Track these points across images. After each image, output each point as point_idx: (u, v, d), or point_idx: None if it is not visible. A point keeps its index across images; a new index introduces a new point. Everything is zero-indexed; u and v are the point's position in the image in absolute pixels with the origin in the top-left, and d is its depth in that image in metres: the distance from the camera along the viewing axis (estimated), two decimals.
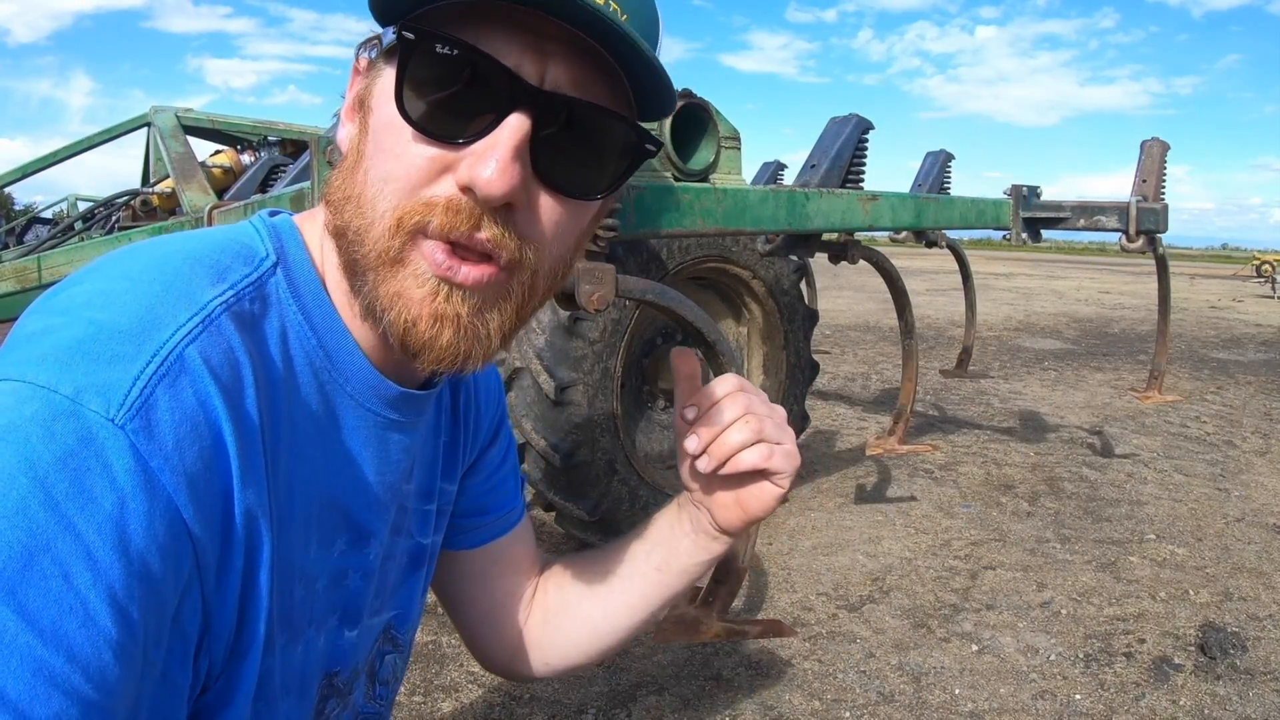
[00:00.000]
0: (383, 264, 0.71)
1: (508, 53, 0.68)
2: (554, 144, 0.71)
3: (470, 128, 0.69)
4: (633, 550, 1.10)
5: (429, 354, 0.72)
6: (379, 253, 0.70)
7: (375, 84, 0.73)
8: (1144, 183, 4.25)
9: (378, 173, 0.71)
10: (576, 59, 0.70)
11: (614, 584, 1.10)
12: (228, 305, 0.69)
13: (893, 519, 4.24)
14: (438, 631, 2.95)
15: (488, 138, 0.68)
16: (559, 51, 0.69)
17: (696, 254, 3.78)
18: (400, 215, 0.69)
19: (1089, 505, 4.49)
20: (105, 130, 4.57)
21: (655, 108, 0.77)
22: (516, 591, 1.16)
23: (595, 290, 2.12)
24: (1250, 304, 19.73)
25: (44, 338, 0.62)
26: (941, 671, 2.78)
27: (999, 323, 13.58)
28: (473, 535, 1.12)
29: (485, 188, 0.67)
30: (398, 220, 0.69)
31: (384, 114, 0.71)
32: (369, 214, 0.71)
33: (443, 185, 0.69)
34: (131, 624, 0.57)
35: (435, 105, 0.69)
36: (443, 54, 0.68)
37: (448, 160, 0.69)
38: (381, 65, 0.73)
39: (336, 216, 0.74)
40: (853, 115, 3.48)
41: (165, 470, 0.60)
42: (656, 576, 1.08)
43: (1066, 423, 6.42)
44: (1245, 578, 3.58)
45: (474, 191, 0.68)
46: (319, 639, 0.85)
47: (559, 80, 0.70)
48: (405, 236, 0.70)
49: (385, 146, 0.71)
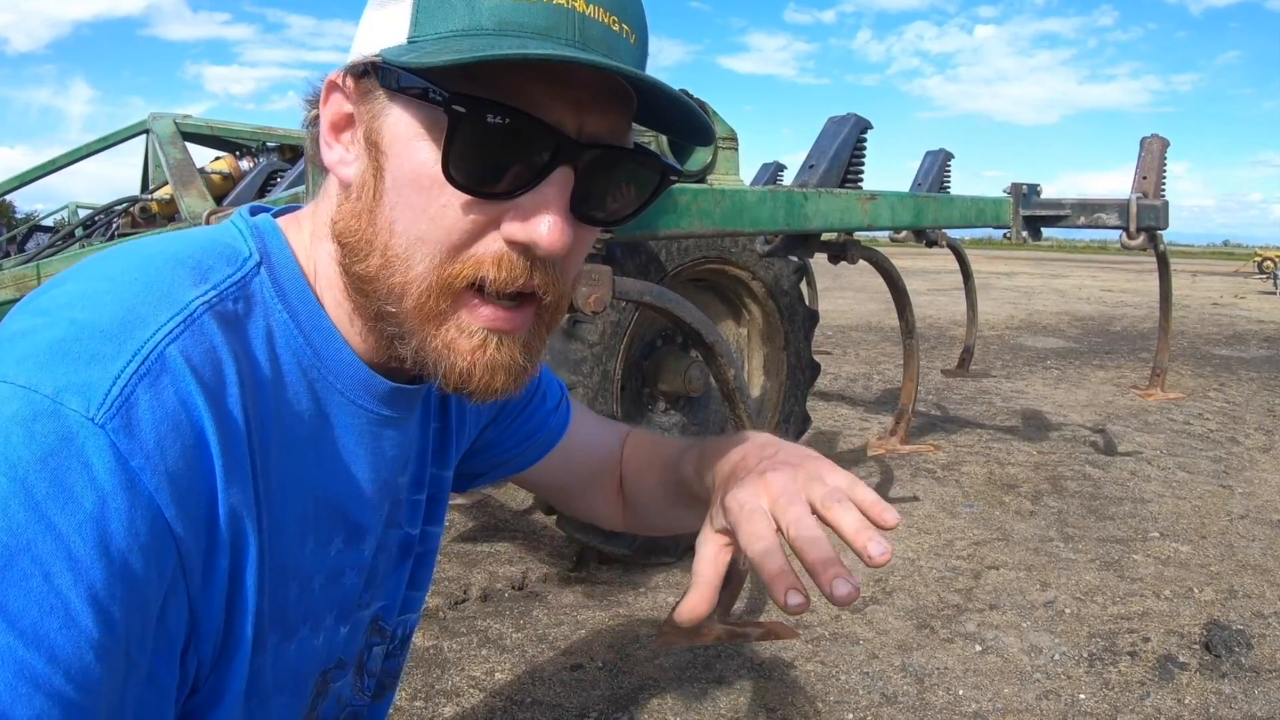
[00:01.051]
0: (427, 322, 0.72)
1: (547, 107, 0.69)
2: (589, 185, 0.73)
3: (510, 181, 0.70)
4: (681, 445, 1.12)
5: (483, 395, 0.75)
6: (424, 313, 0.72)
7: (383, 122, 0.72)
8: (1144, 179, 4.24)
9: (409, 230, 0.71)
10: (608, 105, 0.72)
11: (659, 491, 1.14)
12: (210, 305, 0.69)
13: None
14: (439, 636, 2.94)
15: (535, 194, 0.70)
16: (591, 101, 0.71)
17: (695, 255, 3.77)
18: (446, 279, 0.71)
19: (1092, 504, 4.48)
20: (104, 137, 4.57)
21: (689, 135, 0.79)
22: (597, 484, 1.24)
23: (592, 292, 2.12)
24: (1252, 300, 19.70)
25: (25, 338, 0.62)
26: (945, 672, 2.77)
27: (1000, 322, 13.56)
28: (513, 463, 1.18)
29: (548, 247, 0.69)
30: (445, 283, 0.71)
31: (408, 167, 0.70)
32: (403, 272, 0.71)
33: (487, 242, 0.71)
34: (113, 624, 0.57)
35: (479, 166, 0.69)
36: (493, 123, 0.68)
37: (490, 217, 0.70)
38: (384, 100, 0.72)
39: (356, 262, 0.74)
40: (851, 115, 3.47)
41: (146, 469, 0.60)
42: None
43: (1069, 421, 6.41)
44: (1250, 575, 3.57)
45: (533, 248, 0.70)
46: (316, 638, 0.85)
47: (596, 130, 0.71)
48: (451, 298, 0.71)
49: (414, 204, 0.70)
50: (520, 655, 2.84)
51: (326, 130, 0.77)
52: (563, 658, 2.83)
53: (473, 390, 0.75)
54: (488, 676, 2.71)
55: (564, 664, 2.79)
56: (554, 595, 3.32)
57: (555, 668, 2.77)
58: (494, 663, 2.79)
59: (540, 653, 2.86)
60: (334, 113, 0.76)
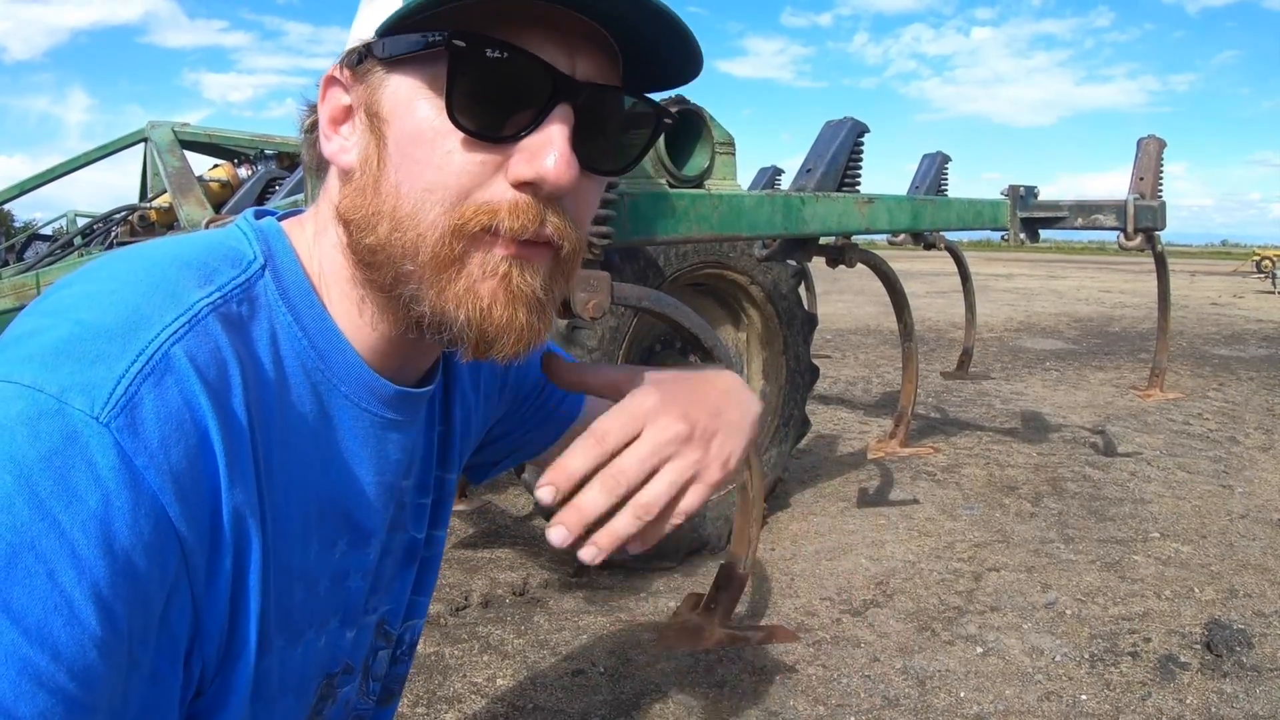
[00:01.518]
0: (444, 268, 0.72)
1: (543, 48, 0.71)
2: (587, 130, 0.73)
3: (513, 125, 0.71)
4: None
5: (507, 336, 0.74)
6: (438, 260, 0.72)
7: (382, 93, 0.73)
8: (1141, 180, 4.25)
9: (416, 184, 0.71)
10: (598, 48, 0.74)
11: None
12: (215, 306, 0.69)
13: (895, 522, 4.23)
14: (440, 643, 2.94)
15: (539, 133, 0.71)
16: (582, 42, 0.72)
17: (693, 260, 3.78)
18: (458, 223, 0.71)
19: (1092, 505, 4.48)
20: (102, 146, 4.57)
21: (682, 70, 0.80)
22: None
23: (591, 298, 2.12)
24: (1251, 300, 19.71)
25: (31, 339, 0.62)
26: (946, 674, 2.77)
27: (999, 324, 13.57)
28: (527, 450, 1.19)
29: (555, 179, 0.70)
30: (455, 227, 0.71)
31: (409, 124, 0.71)
32: (414, 227, 0.72)
33: (496, 186, 0.71)
34: (116, 621, 0.57)
35: (481, 108, 0.70)
36: (492, 58, 0.69)
37: (496, 161, 0.71)
38: (382, 73, 0.73)
39: (365, 234, 0.74)
40: (848, 119, 3.48)
41: (150, 468, 0.60)
42: None
43: (1068, 422, 6.41)
44: (1250, 574, 3.58)
45: (542, 184, 0.70)
46: (319, 640, 0.85)
47: (588, 71, 0.73)
48: (466, 239, 0.71)
49: (419, 157, 0.71)
50: (522, 661, 2.84)
51: (325, 125, 0.78)
52: (564, 663, 2.83)
53: (495, 329, 0.74)
54: (489, 682, 2.71)
55: (565, 669, 2.79)
56: (555, 601, 3.32)
57: (557, 673, 2.77)
58: (495, 668, 2.79)
59: (542, 658, 2.86)
60: (332, 106, 0.77)
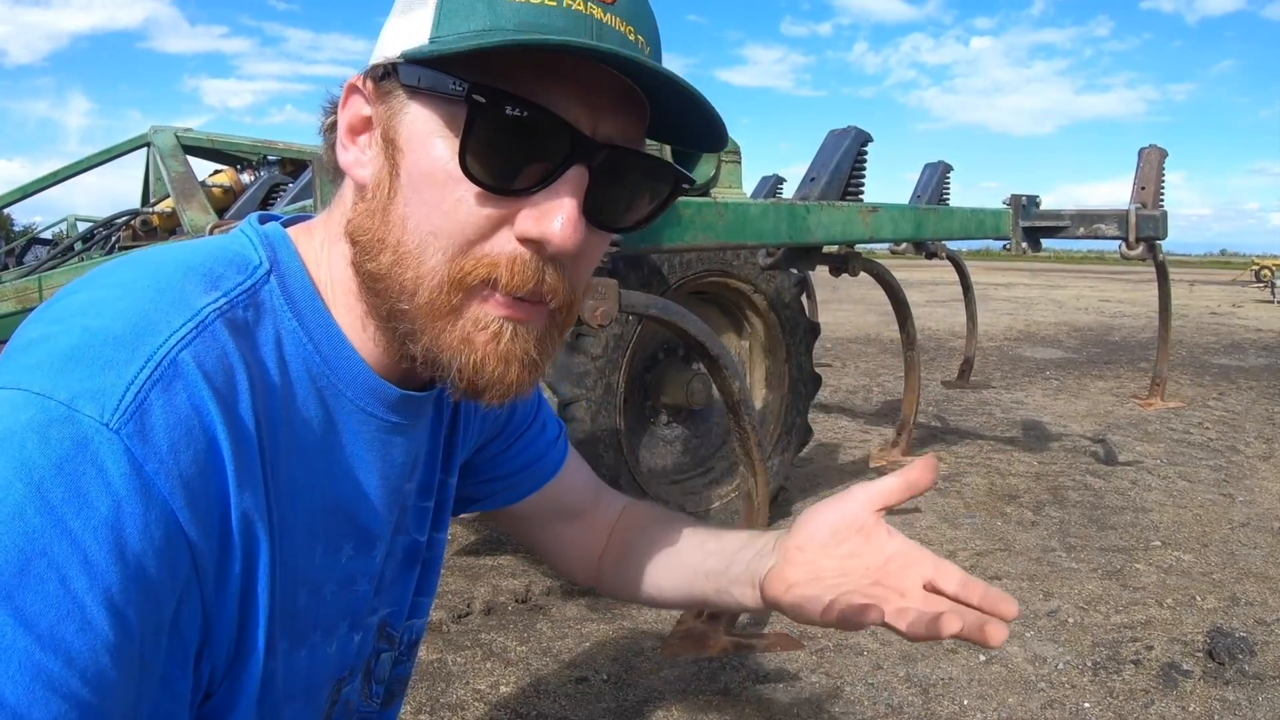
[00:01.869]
0: (439, 316, 0.73)
1: (564, 105, 0.70)
2: (601, 189, 0.73)
3: (524, 179, 0.71)
4: (699, 542, 1.14)
5: (495, 390, 0.75)
6: (434, 307, 0.72)
7: (400, 120, 0.73)
8: (1143, 190, 4.25)
9: (422, 225, 0.72)
10: (622, 108, 0.73)
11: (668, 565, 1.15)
12: (221, 311, 0.69)
13: (897, 529, 4.22)
14: (443, 650, 2.94)
15: (549, 190, 0.70)
16: (607, 105, 0.72)
17: (698, 268, 3.79)
18: (459, 274, 0.71)
19: (1094, 513, 4.48)
20: (104, 150, 4.58)
21: (703, 141, 0.81)
22: (578, 533, 1.23)
23: (599, 305, 2.13)
24: (1250, 309, 19.74)
25: (39, 346, 0.62)
26: (950, 682, 2.77)
27: (1000, 333, 13.58)
28: (508, 493, 1.17)
29: (560, 243, 0.70)
30: (456, 278, 0.71)
31: (424, 163, 0.71)
32: (415, 267, 0.72)
33: (499, 240, 0.71)
34: (128, 627, 0.57)
35: (496, 161, 0.70)
36: (511, 115, 0.69)
37: (503, 214, 0.71)
38: (404, 98, 0.73)
39: (369, 259, 0.74)
40: (851, 128, 3.49)
41: (160, 474, 0.60)
42: (704, 579, 1.10)
43: (1069, 431, 6.41)
44: (1252, 582, 3.58)
45: (544, 245, 0.70)
46: (329, 645, 0.85)
47: (610, 131, 0.73)
48: (464, 293, 0.72)
49: (429, 200, 0.71)
50: (525, 668, 2.84)
51: (344, 133, 0.78)
52: (567, 670, 2.83)
53: (486, 383, 0.74)
54: (492, 690, 2.70)
55: (569, 677, 2.79)
56: (558, 608, 3.31)
57: (560, 680, 2.76)
58: (498, 676, 2.78)
59: (545, 665, 2.86)
60: (352, 115, 0.77)
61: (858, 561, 0.92)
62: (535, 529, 1.24)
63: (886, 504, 0.94)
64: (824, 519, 0.95)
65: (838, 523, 0.94)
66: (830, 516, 0.95)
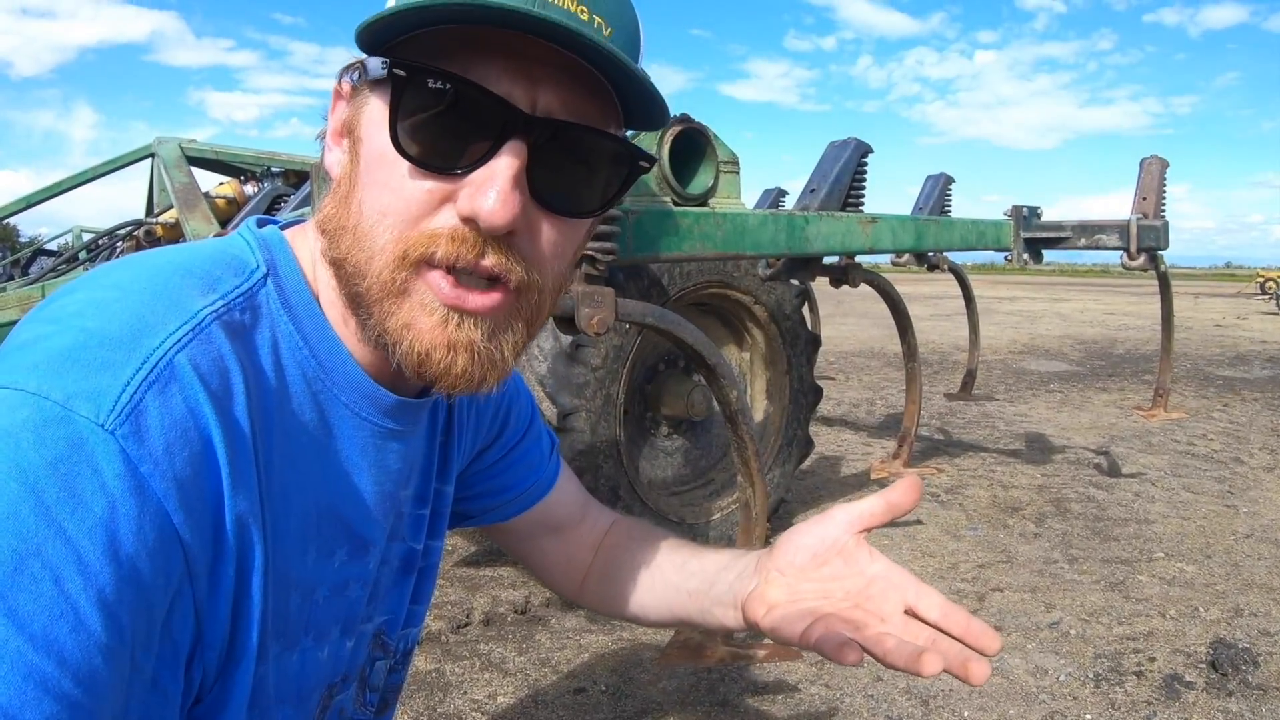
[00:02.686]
0: (387, 296, 0.72)
1: (498, 80, 0.69)
2: (548, 167, 0.72)
3: (465, 157, 0.70)
4: (681, 562, 1.15)
5: (444, 381, 0.74)
6: (383, 285, 0.72)
7: (362, 112, 0.74)
8: (1144, 200, 4.25)
9: (374, 205, 0.72)
10: (565, 81, 0.71)
11: (651, 584, 1.16)
12: (218, 314, 0.70)
13: (899, 543, 4.21)
14: (440, 660, 2.93)
15: (485, 167, 0.70)
16: (547, 75, 0.71)
17: (698, 279, 3.79)
18: (404, 249, 0.71)
19: (1096, 525, 4.46)
20: (109, 161, 4.60)
21: (647, 119, 0.79)
22: (564, 547, 1.24)
23: (595, 314, 2.13)
24: (1255, 321, 19.70)
25: (35, 346, 0.62)
26: (950, 694, 2.76)
27: (1003, 346, 13.57)
28: (503, 510, 1.18)
29: (489, 218, 0.69)
30: (402, 253, 0.71)
31: (375, 145, 0.72)
32: (368, 247, 0.72)
33: (443, 216, 0.71)
34: (121, 628, 0.57)
35: (430, 138, 0.70)
36: (435, 88, 0.69)
37: (446, 191, 0.70)
38: (367, 93, 0.74)
39: (333, 246, 0.75)
40: (851, 139, 3.49)
41: (155, 475, 0.60)
42: (687, 599, 1.12)
43: (1072, 443, 6.40)
44: (1255, 594, 3.56)
45: (477, 222, 0.69)
46: (321, 650, 0.85)
47: (550, 105, 0.71)
48: (410, 269, 0.71)
49: (379, 179, 0.72)
50: (523, 679, 2.83)
51: (330, 136, 0.79)
52: (565, 681, 2.82)
53: (434, 372, 0.74)
54: (490, 700, 2.70)
55: (567, 687, 2.78)
56: (556, 619, 3.31)
57: (558, 691, 2.76)
58: (496, 686, 2.78)
59: (543, 676, 2.85)
60: (338, 119, 0.79)
61: (838, 585, 0.92)
62: (522, 542, 1.24)
63: (867, 526, 0.93)
64: (803, 542, 0.95)
65: (817, 546, 0.94)
66: (809, 540, 0.95)
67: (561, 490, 1.22)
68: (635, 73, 0.71)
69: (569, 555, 1.24)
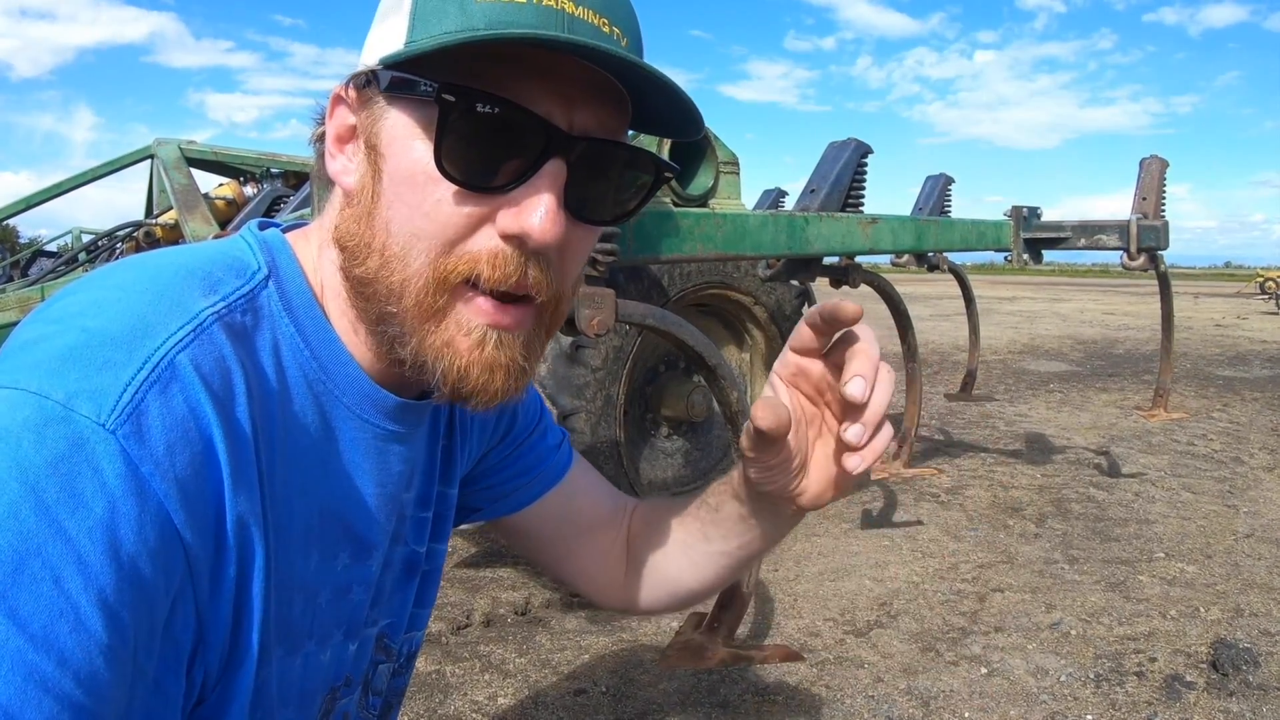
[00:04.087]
0: (425, 319, 0.73)
1: (537, 100, 0.70)
2: (581, 181, 0.73)
3: (503, 175, 0.71)
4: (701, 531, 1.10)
5: (482, 398, 0.75)
6: (422, 309, 0.73)
7: (381, 126, 0.74)
8: (1144, 200, 4.26)
9: (405, 227, 0.72)
10: (598, 99, 0.73)
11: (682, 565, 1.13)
12: (219, 315, 0.69)
13: (899, 543, 4.21)
14: (441, 661, 2.93)
15: (527, 186, 0.71)
16: (581, 94, 0.72)
17: (698, 280, 3.79)
18: (443, 274, 0.71)
19: (1097, 525, 4.46)
20: (109, 162, 4.60)
21: (669, 125, 0.80)
22: (598, 549, 1.19)
23: (595, 315, 2.13)
24: (1255, 321, 19.70)
25: (37, 346, 0.62)
26: (951, 695, 2.76)
27: (1003, 346, 13.56)
28: (509, 501, 1.15)
29: (540, 236, 0.70)
30: (441, 278, 0.71)
31: (403, 164, 0.72)
32: (400, 270, 0.72)
33: (481, 237, 0.72)
34: (122, 628, 0.57)
35: (472, 159, 0.71)
36: (484, 112, 0.69)
37: (483, 213, 0.71)
38: (383, 104, 0.74)
39: (355, 264, 0.75)
40: (851, 139, 3.49)
41: (156, 476, 0.60)
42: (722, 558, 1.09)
43: (1073, 444, 6.40)
44: (1256, 593, 3.56)
45: (525, 240, 0.70)
46: (323, 653, 0.85)
47: (586, 123, 0.73)
48: (449, 292, 0.72)
49: (410, 202, 0.72)
50: (523, 680, 2.83)
51: (331, 142, 0.79)
52: (566, 683, 2.82)
53: (471, 390, 0.74)
54: (490, 701, 2.69)
55: (567, 689, 2.78)
56: (557, 620, 3.31)
57: (558, 693, 2.76)
58: (497, 687, 2.78)
59: (543, 678, 2.85)
60: (339, 125, 0.78)
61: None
62: (547, 541, 1.19)
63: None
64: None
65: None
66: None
67: (581, 487, 1.19)
68: (672, 89, 0.72)
69: (604, 552, 1.19)
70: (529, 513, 1.16)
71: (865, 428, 0.81)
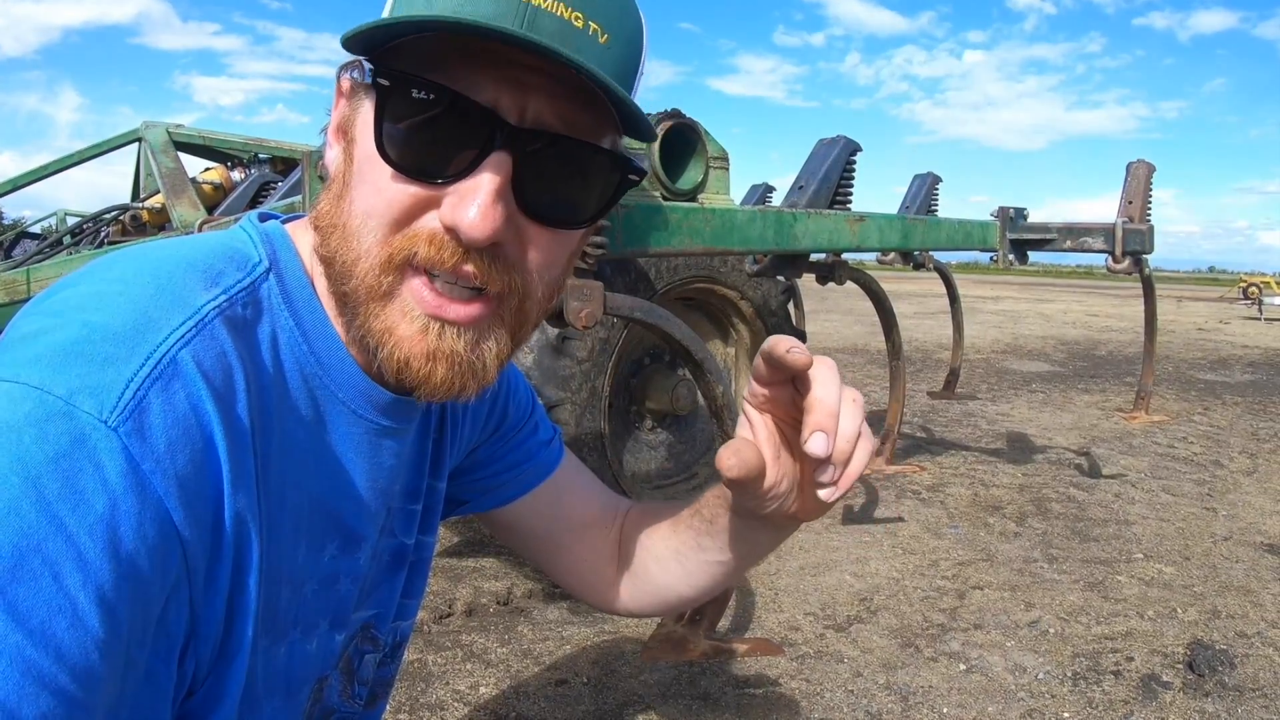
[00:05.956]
0: (372, 299, 0.72)
1: (486, 88, 0.69)
2: (538, 176, 0.72)
3: (452, 165, 0.70)
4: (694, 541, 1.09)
5: (424, 389, 0.75)
6: (368, 288, 0.72)
7: (357, 114, 0.74)
8: (1130, 204, 4.28)
9: (361, 206, 0.72)
10: (558, 90, 0.71)
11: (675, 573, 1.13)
12: (221, 309, 0.69)
13: (880, 539, 4.23)
14: (423, 650, 2.93)
15: (470, 179, 0.70)
16: (538, 84, 0.70)
17: (685, 274, 3.79)
18: (389, 252, 0.71)
19: (1076, 525, 4.49)
20: (96, 145, 4.57)
21: (635, 130, 0.78)
22: (590, 548, 1.19)
23: (583, 307, 2.13)
24: (1237, 326, 19.84)
25: (37, 339, 0.62)
26: (929, 691, 2.77)
27: (986, 345, 13.62)
28: (496, 494, 1.16)
29: (469, 231, 0.69)
30: (387, 257, 0.71)
31: (366, 147, 0.72)
32: (355, 248, 0.72)
33: (426, 220, 0.71)
34: (118, 624, 0.57)
35: (415, 145, 0.70)
36: (420, 97, 0.69)
37: (431, 198, 0.71)
38: (362, 94, 0.74)
39: (324, 244, 0.75)
40: (840, 137, 3.50)
41: (156, 473, 0.60)
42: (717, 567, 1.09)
43: (1054, 444, 6.44)
44: (1233, 596, 3.59)
45: (458, 233, 0.69)
46: (309, 643, 0.85)
47: (540, 114, 0.71)
48: (394, 273, 0.72)
49: (368, 180, 0.72)
50: (505, 670, 2.83)
51: (331, 133, 0.79)
52: (547, 673, 2.83)
53: (415, 380, 0.74)
54: (472, 691, 2.70)
55: (549, 679, 2.78)
56: (539, 611, 3.31)
57: (540, 683, 2.76)
58: (478, 677, 2.78)
59: (525, 668, 2.86)
60: (339, 116, 0.79)
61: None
62: (539, 539, 1.20)
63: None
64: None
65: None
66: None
67: (572, 485, 1.20)
68: (616, 93, 0.70)
69: (593, 551, 1.19)
70: (517, 507, 1.16)
71: (835, 467, 0.82)
